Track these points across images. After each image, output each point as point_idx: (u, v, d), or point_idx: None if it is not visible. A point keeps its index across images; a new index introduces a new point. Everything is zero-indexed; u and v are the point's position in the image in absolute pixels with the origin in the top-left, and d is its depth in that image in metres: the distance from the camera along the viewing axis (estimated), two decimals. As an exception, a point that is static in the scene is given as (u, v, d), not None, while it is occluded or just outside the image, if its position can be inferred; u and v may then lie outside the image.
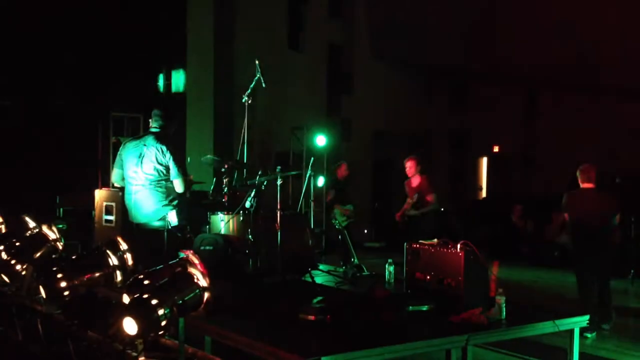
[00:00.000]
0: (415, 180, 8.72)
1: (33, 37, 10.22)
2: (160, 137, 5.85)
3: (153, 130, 5.92)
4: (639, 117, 15.25)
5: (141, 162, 5.79)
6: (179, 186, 5.86)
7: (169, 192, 5.85)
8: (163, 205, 5.80)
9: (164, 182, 5.81)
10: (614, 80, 14.44)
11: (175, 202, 5.85)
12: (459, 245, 4.44)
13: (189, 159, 7.58)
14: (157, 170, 5.78)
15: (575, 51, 13.32)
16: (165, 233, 5.89)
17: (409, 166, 8.72)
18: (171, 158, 5.78)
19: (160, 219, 5.81)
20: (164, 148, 5.78)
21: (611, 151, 15.12)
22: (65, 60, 10.28)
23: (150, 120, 6.01)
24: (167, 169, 5.80)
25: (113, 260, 4.15)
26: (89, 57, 10.38)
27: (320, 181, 11.80)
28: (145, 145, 5.82)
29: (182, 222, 5.85)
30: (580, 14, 12.59)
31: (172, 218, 5.77)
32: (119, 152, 6.06)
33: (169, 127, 5.96)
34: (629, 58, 12.83)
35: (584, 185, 6.57)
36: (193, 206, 6.16)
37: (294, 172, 8.26)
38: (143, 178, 5.79)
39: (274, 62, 12.77)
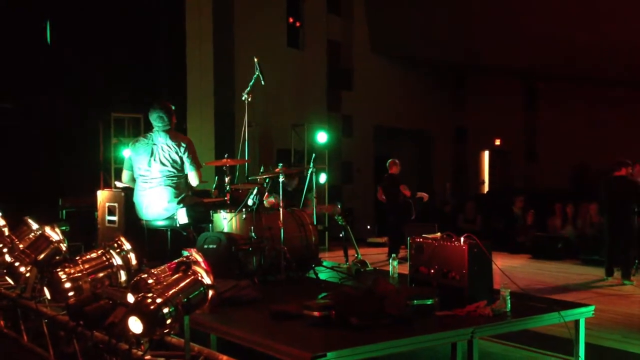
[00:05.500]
0: None
1: (33, 39, 10.21)
2: (170, 133, 5.86)
3: (159, 127, 5.87)
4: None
5: (153, 160, 5.80)
6: (194, 179, 5.89)
7: (180, 190, 5.85)
8: (173, 203, 5.80)
9: (176, 178, 5.82)
10: (613, 71, 14.39)
11: (185, 201, 5.85)
12: (462, 239, 4.43)
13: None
14: (171, 166, 5.80)
15: (574, 43, 13.27)
16: (169, 232, 5.90)
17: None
18: (186, 151, 5.82)
19: (170, 217, 5.81)
20: (177, 143, 5.82)
21: (612, 144, 15.09)
22: (65, 61, 10.27)
23: (151, 119, 5.92)
24: (181, 164, 5.83)
25: (117, 260, 4.15)
26: (89, 58, 10.36)
27: (322, 178, 11.80)
28: (155, 143, 5.84)
29: (190, 221, 5.86)
30: (581, 4, 12.54)
31: (182, 217, 5.78)
32: (128, 156, 6.07)
33: (172, 121, 5.92)
34: (628, 49, 12.78)
35: (616, 174, 8.67)
36: (195, 204, 6.15)
37: (295, 170, 8.27)
38: (156, 176, 5.80)
39: (273, 59, 12.75)
